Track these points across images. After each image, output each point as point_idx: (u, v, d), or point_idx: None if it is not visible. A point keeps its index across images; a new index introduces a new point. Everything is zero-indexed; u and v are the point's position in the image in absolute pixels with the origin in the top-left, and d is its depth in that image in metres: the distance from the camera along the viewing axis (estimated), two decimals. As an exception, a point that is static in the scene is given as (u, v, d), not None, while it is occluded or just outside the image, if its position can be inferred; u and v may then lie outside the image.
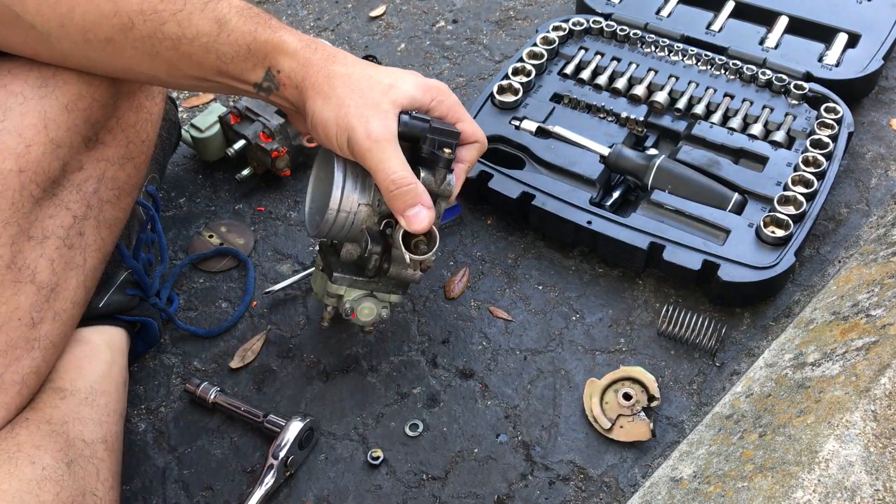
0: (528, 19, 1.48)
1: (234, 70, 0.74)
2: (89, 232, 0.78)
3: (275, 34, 0.74)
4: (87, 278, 0.79)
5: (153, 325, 0.97)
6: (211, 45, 0.72)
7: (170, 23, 0.70)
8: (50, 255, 0.73)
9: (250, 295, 1.06)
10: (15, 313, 0.71)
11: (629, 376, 0.95)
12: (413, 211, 0.75)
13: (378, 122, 0.73)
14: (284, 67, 0.74)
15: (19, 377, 0.72)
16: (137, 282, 0.95)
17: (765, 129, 1.15)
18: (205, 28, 0.71)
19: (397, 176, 0.73)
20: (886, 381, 0.71)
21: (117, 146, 0.80)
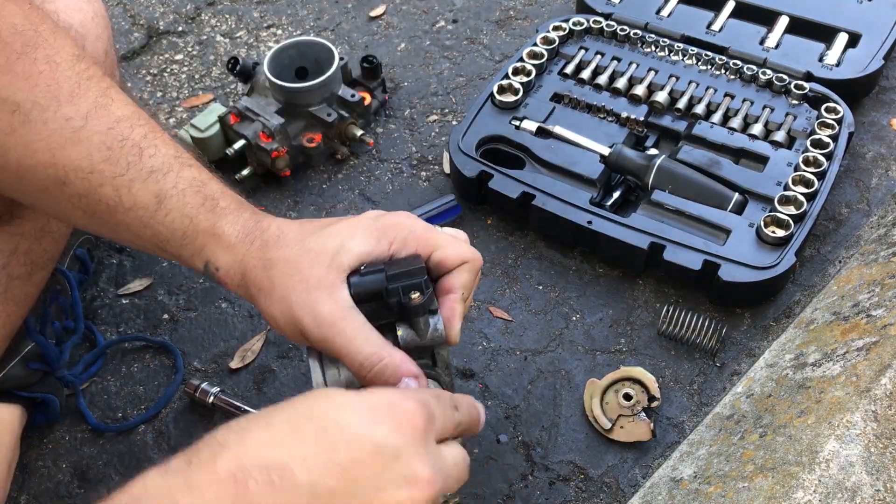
0: (529, 19, 1.48)
1: (172, 251, 0.65)
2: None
3: (214, 224, 0.63)
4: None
5: (54, 403, 0.93)
6: (148, 221, 0.64)
7: (107, 186, 0.62)
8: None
9: (177, 384, 0.99)
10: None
11: (629, 376, 0.95)
12: (400, 386, 0.60)
13: (325, 304, 0.59)
14: (222, 264, 0.64)
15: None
16: (42, 355, 0.90)
17: (765, 129, 1.15)
18: (143, 201, 0.63)
19: (363, 357, 0.59)
20: (887, 382, 0.71)
21: (35, 220, 0.76)
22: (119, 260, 1.13)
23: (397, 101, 1.34)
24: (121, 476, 0.91)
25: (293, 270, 0.61)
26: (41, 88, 0.61)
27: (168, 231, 0.64)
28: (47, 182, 0.63)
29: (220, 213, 0.64)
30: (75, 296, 0.97)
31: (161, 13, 1.53)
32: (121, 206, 0.63)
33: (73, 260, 1.01)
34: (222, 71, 1.41)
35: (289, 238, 0.63)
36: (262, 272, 0.62)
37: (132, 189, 0.63)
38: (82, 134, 0.62)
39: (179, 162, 0.65)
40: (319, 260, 0.61)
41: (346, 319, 0.59)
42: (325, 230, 0.63)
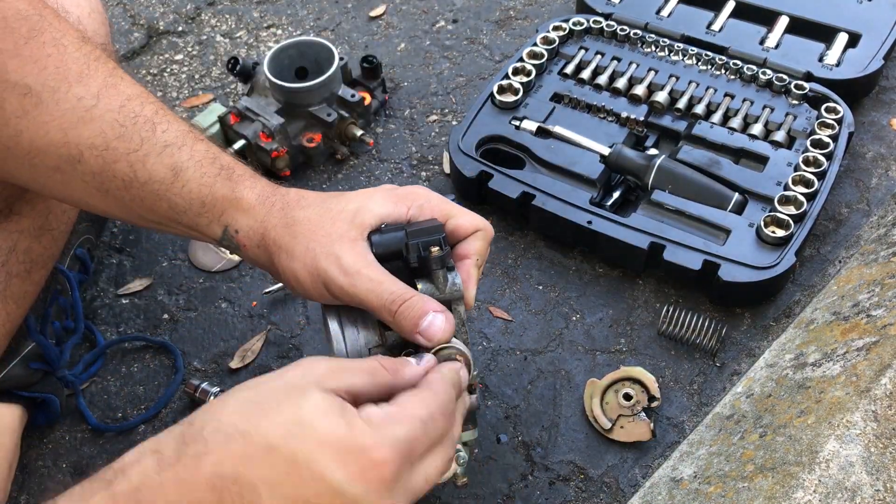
0: (529, 19, 1.48)
1: (188, 222, 0.67)
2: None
3: (233, 189, 0.66)
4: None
5: (54, 403, 0.93)
6: (163, 194, 0.65)
7: (121, 162, 0.64)
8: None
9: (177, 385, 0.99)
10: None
11: (629, 376, 0.95)
12: (425, 323, 0.61)
13: (349, 255, 0.63)
14: (242, 227, 0.67)
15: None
16: (43, 354, 0.91)
17: (765, 129, 1.15)
18: (159, 174, 0.65)
19: (390, 296, 0.61)
20: (887, 382, 0.71)
21: (34, 217, 0.76)
22: (119, 260, 1.13)
23: (397, 101, 1.34)
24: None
25: (316, 227, 0.65)
26: (50, 71, 0.63)
27: (185, 202, 0.66)
28: (60, 162, 0.64)
29: (238, 179, 0.67)
30: (76, 296, 0.97)
31: (161, 13, 1.53)
32: (136, 180, 0.65)
33: (74, 260, 1.01)
34: (222, 71, 1.41)
35: (309, 200, 0.67)
36: (284, 230, 0.65)
37: (147, 163, 0.64)
38: (95, 112, 0.63)
39: (192, 136, 0.67)
40: (342, 217, 0.65)
41: (370, 266, 0.63)
42: (344, 195, 0.68)
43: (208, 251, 1.13)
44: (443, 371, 0.58)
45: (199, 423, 0.50)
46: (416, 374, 0.58)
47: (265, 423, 0.49)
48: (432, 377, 0.57)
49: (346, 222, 0.65)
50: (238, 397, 0.51)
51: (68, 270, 0.98)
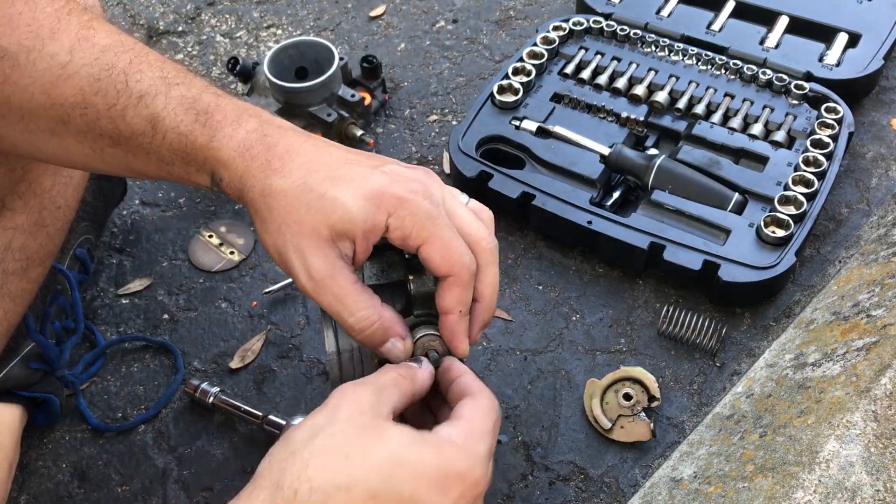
0: (529, 19, 1.48)
1: (179, 172, 0.64)
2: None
3: (212, 137, 0.61)
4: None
5: (54, 402, 0.92)
6: (148, 147, 0.62)
7: (103, 119, 0.62)
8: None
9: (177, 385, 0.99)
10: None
11: (629, 376, 0.95)
12: (386, 347, 0.60)
13: (317, 257, 0.58)
14: (224, 177, 0.62)
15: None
16: (42, 354, 0.90)
17: (765, 129, 1.15)
18: (139, 127, 0.62)
19: (354, 319, 0.59)
20: (887, 382, 0.71)
21: (29, 213, 0.75)
22: (119, 260, 1.13)
23: (397, 101, 1.34)
24: (120, 476, 0.91)
25: (291, 208, 0.58)
26: (23, 30, 0.60)
27: (169, 153, 0.62)
28: (51, 124, 0.62)
29: (216, 126, 0.61)
30: (75, 296, 0.97)
31: (161, 13, 1.53)
32: (121, 136, 0.62)
33: (73, 260, 1.01)
34: (222, 71, 1.41)
35: (295, 163, 0.60)
36: (260, 198, 0.59)
37: (126, 118, 0.61)
38: (70, 69, 0.61)
39: (166, 82, 0.62)
40: (318, 206, 0.58)
41: (335, 277, 0.58)
42: (333, 170, 0.60)
43: (208, 251, 1.13)
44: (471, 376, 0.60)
45: (289, 483, 0.49)
46: (426, 378, 0.59)
47: (361, 472, 0.49)
48: (475, 385, 0.59)
49: (322, 214, 0.58)
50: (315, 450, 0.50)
51: (68, 270, 0.98)
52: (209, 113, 0.61)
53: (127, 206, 1.19)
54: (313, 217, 0.58)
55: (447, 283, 0.60)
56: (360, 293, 0.59)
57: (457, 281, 0.60)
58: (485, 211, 0.65)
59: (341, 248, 0.58)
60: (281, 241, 0.59)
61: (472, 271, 0.60)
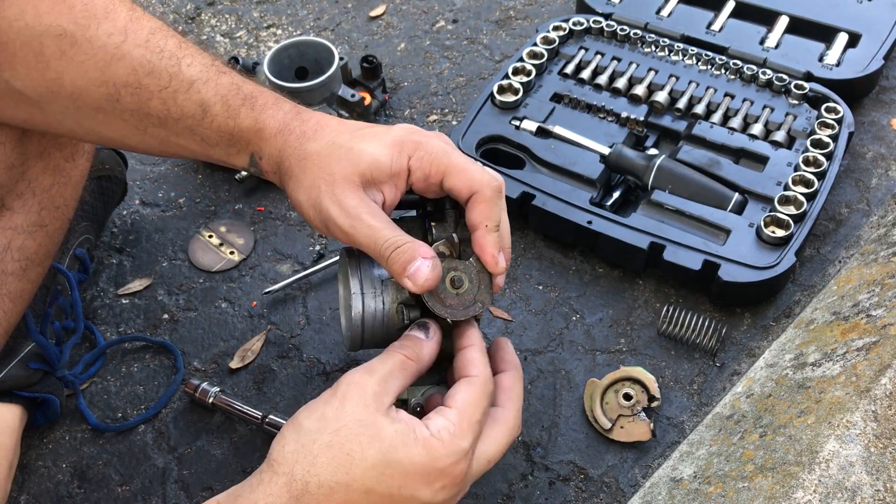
0: (529, 19, 1.48)
1: (219, 154, 0.70)
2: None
3: (257, 119, 0.68)
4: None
5: (54, 403, 0.92)
6: (195, 128, 0.68)
7: (155, 100, 0.66)
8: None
9: (177, 385, 0.99)
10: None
11: (629, 376, 0.95)
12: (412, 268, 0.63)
13: (352, 198, 0.64)
14: (264, 153, 0.69)
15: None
16: (43, 355, 0.91)
17: (765, 129, 1.15)
18: (189, 110, 0.67)
19: (385, 242, 0.63)
20: (887, 382, 0.71)
21: (27, 213, 0.76)
22: (119, 260, 1.13)
23: (397, 101, 1.34)
24: (120, 476, 0.91)
25: (324, 163, 0.65)
26: (78, 9, 0.64)
27: (216, 135, 0.68)
28: (101, 101, 0.66)
29: (260, 109, 0.68)
30: (75, 296, 0.97)
31: (161, 13, 1.53)
32: (170, 117, 0.67)
33: (73, 260, 1.01)
34: (222, 71, 1.41)
35: (325, 132, 0.67)
36: (296, 162, 0.66)
37: (178, 100, 0.66)
38: (124, 48, 0.65)
39: (216, 69, 0.68)
40: (348, 157, 0.65)
41: (369, 211, 0.64)
42: (357, 132, 0.67)
43: (208, 251, 1.13)
44: (482, 363, 0.65)
45: (301, 476, 0.58)
46: (432, 352, 0.65)
47: (358, 471, 0.57)
48: (475, 365, 0.64)
49: (351, 163, 0.65)
50: (323, 445, 0.58)
51: (68, 270, 0.98)
52: (255, 97, 0.68)
53: (127, 206, 1.19)
54: (344, 167, 0.65)
55: (472, 202, 0.66)
56: (390, 222, 0.65)
57: (480, 197, 0.65)
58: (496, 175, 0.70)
59: (371, 195, 0.65)
60: (315, 194, 0.65)
61: (493, 186, 0.66)
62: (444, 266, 0.65)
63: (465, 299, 0.66)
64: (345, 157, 0.65)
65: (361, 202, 0.64)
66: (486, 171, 0.67)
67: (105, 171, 1.08)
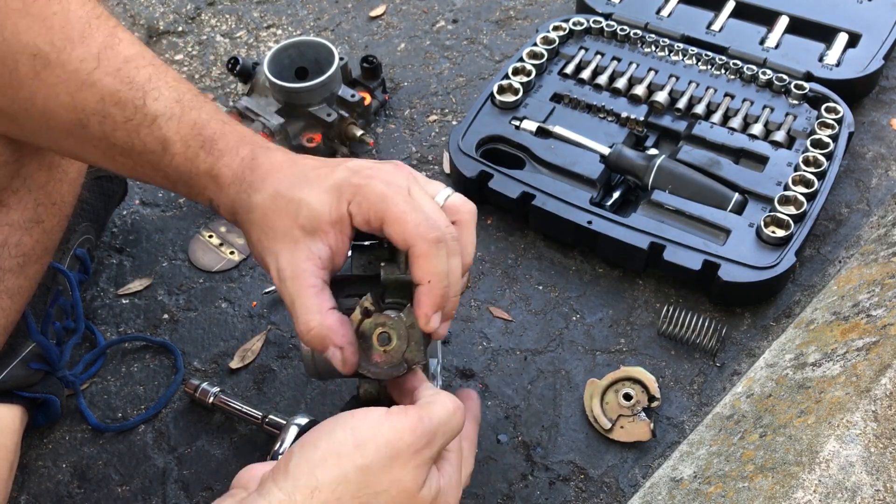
0: (529, 19, 1.48)
1: (184, 191, 0.69)
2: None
3: (213, 166, 0.66)
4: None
5: (55, 403, 0.92)
6: (157, 165, 0.67)
7: (120, 131, 0.65)
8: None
9: (177, 385, 0.99)
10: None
11: (629, 376, 0.95)
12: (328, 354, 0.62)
13: (285, 258, 0.62)
14: (220, 203, 0.67)
15: None
16: (43, 355, 0.90)
17: (765, 129, 1.15)
18: (150, 145, 0.66)
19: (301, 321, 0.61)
20: (887, 382, 0.71)
21: (23, 209, 0.76)
22: (119, 260, 1.13)
23: (397, 101, 1.34)
24: (120, 476, 0.91)
25: (265, 219, 0.64)
26: (56, 30, 0.63)
27: (175, 174, 0.67)
28: (70, 126, 0.65)
29: (218, 155, 0.66)
30: (76, 296, 0.97)
31: (161, 13, 1.53)
32: (133, 150, 0.66)
33: (74, 260, 1.01)
34: (222, 71, 1.41)
35: (270, 181, 0.65)
36: (245, 216, 0.65)
37: (140, 134, 0.65)
38: (95, 76, 0.64)
39: (181, 106, 0.66)
40: (287, 211, 0.63)
41: (297, 279, 0.61)
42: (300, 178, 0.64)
43: (208, 251, 1.13)
44: None
45: (288, 488, 0.54)
46: None
47: (347, 481, 0.54)
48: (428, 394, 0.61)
49: (290, 216, 0.62)
50: (346, 471, 0.55)
51: (69, 270, 0.98)
52: (214, 140, 0.66)
53: (127, 206, 1.19)
54: (284, 221, 0.62)
55: (410, 255, 0.60)
56: (314, 297, 0.61)
57: (416, 251, 0.60)
58: (466, 204, 0.66)
59: (314, 247, 0.62)
60: (260, 248, 0.64)
61: (429, 239, 0.59)
62: (371, 321, 0.62)
63: (393, 357, 0.62)
64: (284, 210, 0.62)
65: (291, 265, 0.62)
66: (428, 217, 0.60)
67: (105, 171, 1.08)
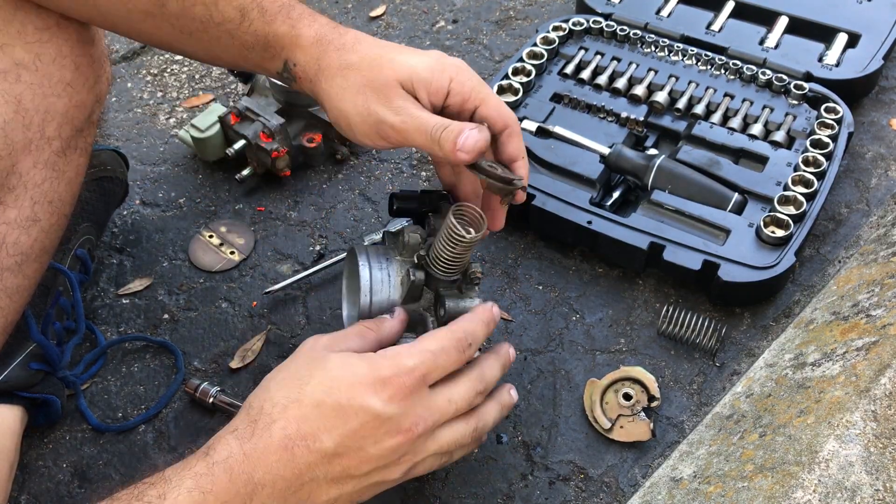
0: (528, 19, 1.48)
1: (256, 59, 0.76)
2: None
3: (292, 27, 0.74)
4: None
5: (55, 403, 0.92)
6: (235, 32, 0.73)
7: (198, 6, 0.72)
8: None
9: (178, 384, 0.99)
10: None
11: (629, 376, 0.95)
12: (461, 139, 0.69)
13: (397, 99, 0.71)
14: (300, 61, 0.75)
15: None
16: (44, 355, 0.90)
17: (765, 129, 1.15)
18: (229, 14, 0.72)
19: (433, 126, 0.70)
20: (886, 382, 0.71)
21: (20, 208, 0.75)
22: (119, 260, 1.13)
23: (397, 101, 1.34)
24: (121, 476, 0.91)
25: (368, 72, 0.72)
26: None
27: (253, 38, 0.74)
28: (149, 5, 0.72)
29: (297, 17, 0.74)
30: (76, 296, 0.97)
31: (161, 13, 1.52)
32: (211, 21, 0.73)
33: (74, 260, 1.01)
34: (222, 71, 1.41)
35: (364, 45, 0.74)
36: (338, 71, 0.72)
37: (219, 5, 0.72)
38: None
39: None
40: (391, 66, 0.72)
41: (416, 106, 0.72)
42: (398, 46, 0.75)
43: (208, 251, 1.13)
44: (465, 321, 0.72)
45: (258, 404, 0.65)
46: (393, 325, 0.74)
47: (308, 389, 0.65)
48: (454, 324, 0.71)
49: (395, 72, 0.71)
50: (277, 379, 0.67)
51: (69, 271, 0.98)
52: (290, 6, 0.74)
53: (127, 206, 1.19)
54: (387, 75, 0.71)
55: (507, 135, 0.75)
56: (436, 116, 0.72)
57: (512, 131, 0.75)
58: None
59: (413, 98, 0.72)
60: (362, 100, 0.71)
61: (517, 125, 0.75)
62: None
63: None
64: (388, 66, 0.71)
65: (407, 100, 0.71)
66: (510, 110, 0.75)
67: (106, 171, 1.08)
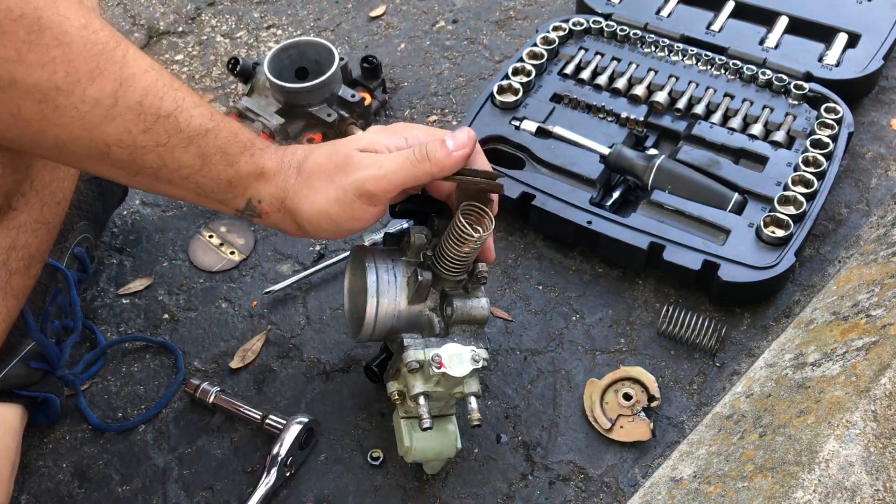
0: (528, 19, 1.48)
1: (213, 198, 0.73)
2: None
3: (256, 164, 0.72)
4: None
5: (55, 402, 0.92)
6: (192, 177, 0.70)
7: (150, 154, 0.67)
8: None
9: (178, 384, 0.99)
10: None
11: (629, 376, 0.95)
12: (449, 142, 0.72)
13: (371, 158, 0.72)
14: (265, 196, 0.73)
15: None
16: (43, 354, 0.90)
17: (765, 129, 1.15)
18: (187, 162, 0.68)
19: (418, 150, 0.71)
20: (886, 381, 0.71)
21: (30, 211, 0.76)
22: (119, 260, 1.13)
23: (397, 101, 1.34)
24: (121, 476, 0.91)
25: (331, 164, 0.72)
26: (60, 74, 0.61)
27: (213, 182, 0.71)
28: (90, 152, 0.66)
29: (259, 154, 0.72)
30: (73, 294, 0.97)
31: (161, 13, 1.53)
32: (165, 168, 0.68)
33: (72, 259, 1.01)
34: (222, 71, 1.41)
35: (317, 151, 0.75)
36: (303, 184, 0.73)
37: (175, 154, 0.68)
38: (115, 111, 0.64)
39: (214, 122, 0.69)
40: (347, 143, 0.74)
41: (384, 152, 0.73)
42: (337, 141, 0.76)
43: (208, 251, 1.13)
44: None
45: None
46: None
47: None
48: None
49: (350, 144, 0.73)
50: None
51: (66, 269, 0.98)
52: (252, 143, 0.73)
53: (127, 206, 1.19)
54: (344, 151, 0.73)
55: (475, 153, 0.77)
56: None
57: (477, 149, 0.77)
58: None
59: None
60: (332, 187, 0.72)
61: None
62: None
63: None
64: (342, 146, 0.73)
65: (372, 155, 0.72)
66: None
67: None
